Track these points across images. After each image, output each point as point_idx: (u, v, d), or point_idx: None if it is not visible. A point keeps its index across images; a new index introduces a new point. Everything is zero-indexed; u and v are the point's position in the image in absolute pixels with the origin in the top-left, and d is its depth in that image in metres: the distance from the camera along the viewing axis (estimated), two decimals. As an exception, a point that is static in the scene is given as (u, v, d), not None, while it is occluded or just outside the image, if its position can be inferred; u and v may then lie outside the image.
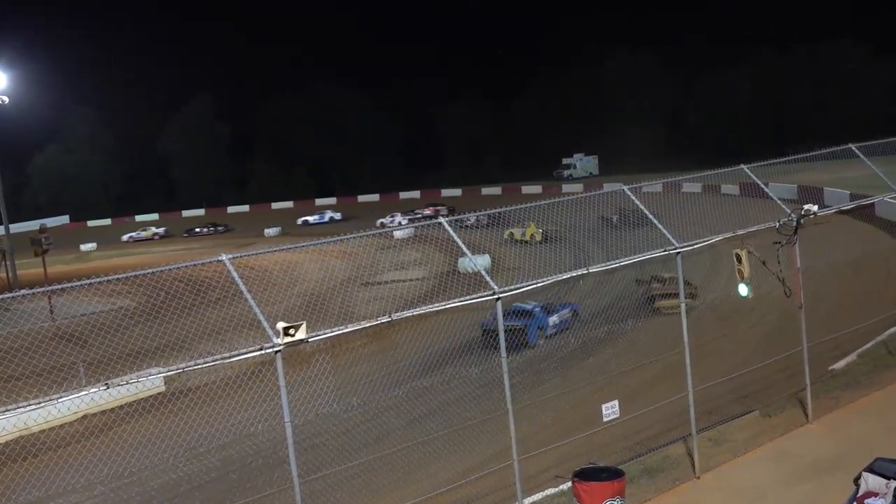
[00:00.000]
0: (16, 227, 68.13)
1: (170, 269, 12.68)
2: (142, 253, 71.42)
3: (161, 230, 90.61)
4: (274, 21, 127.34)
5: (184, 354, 19.52)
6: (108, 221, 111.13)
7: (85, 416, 19.51)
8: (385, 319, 10.75)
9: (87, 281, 10.01)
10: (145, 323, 24.24)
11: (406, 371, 18.98)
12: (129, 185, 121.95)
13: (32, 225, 73.65)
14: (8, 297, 10.87)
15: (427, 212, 78.44)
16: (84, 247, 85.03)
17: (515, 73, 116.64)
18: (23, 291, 10.40)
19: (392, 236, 34.86)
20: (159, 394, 20.57)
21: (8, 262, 51.55)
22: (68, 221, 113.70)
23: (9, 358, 13.86)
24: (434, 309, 11.33)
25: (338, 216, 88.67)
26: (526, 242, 73.31)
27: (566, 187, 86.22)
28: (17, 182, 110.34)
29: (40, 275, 43.84)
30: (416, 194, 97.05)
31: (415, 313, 11.17)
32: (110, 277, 10.45)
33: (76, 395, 8.95)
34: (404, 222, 73.25)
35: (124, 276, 10.67)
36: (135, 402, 19.96)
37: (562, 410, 15.60)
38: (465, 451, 14.30)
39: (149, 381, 19.30)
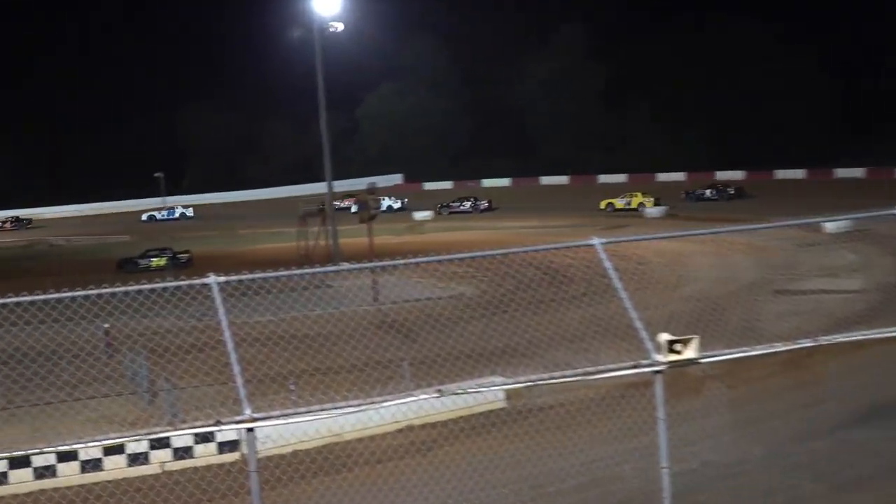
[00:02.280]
0: (341, 185, 73.85)
1: (524, 252, 13.18)
2: (485, 228, 74.44)
3: None
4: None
5: (534, 363, 20.22)
6: (448, 184, 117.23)
7: (410, 428, 20.83)
8: (807, 343, 10.40)
9: (423, 259, 10.59)
10: (486, 317, 25.40)
11: (832, 417, 18.22)
12: (476, 141, 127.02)
13: (359, 183, 79.56)
14: (331, 271, 11.85)
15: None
16: (417, 215, 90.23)
17: None
18: (346, 266, 11.28)
19: (822, 229, 33.58)
20: (500, 409, 21.42)
21: (329, 228, 55.74)
22: (402, 181, 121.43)
23: (327, 346, 15.17)
24: (879, 335, 10.80)
25: (189, 212, 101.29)
26: (633, 210, 78.14)
27: None
28: (346, 127, 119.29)
29: (365, 245, 47.18)
30: (857, 172, 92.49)
31: (850, 339, 10.71)
32: (451, 257, 10.99)
33: (402, 401, 9.58)
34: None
35: (468, 255, 11.22)
36: (468, 416, 21.02)
37: None
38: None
39: (489, 393, 20.20)
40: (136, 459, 21.49)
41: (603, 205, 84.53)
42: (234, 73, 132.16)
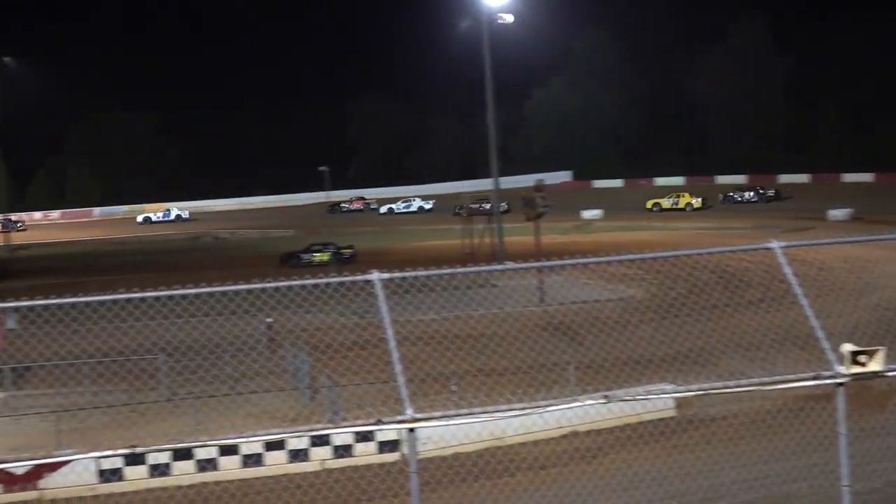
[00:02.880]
0: (506, 182, 74.07)
1: (696, 254, 13.01)
2: (658, 228, 73.80)
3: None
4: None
5: (706, 371, 19.94)
6: (618, 183, 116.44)
7: (574, 434, 20.80)
8: None
9: (592, 259, 10.56)
10: (656, 322, 25.18)
11: None
12: (649, 137, 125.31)
13: (525, 180, 79.64)
14: (496, 270, 11.91)
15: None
16: (586, 214, 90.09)
17: None
18: (511, 265, 11.38)
19: None
20: (669, 418, 21.21)
21: (495, 226, 56.09)
22: (570, 179, 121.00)
23: (491, 346, 15.26)
24: None
25: (185, 214, 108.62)
26: (680, 210, 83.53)
27: None
28: (512, 123, 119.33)
29: (530, 244, 47.25)
30: None
31: None
32: (620, 258, 10.94)
33: (567, 406, 9.57)
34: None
35: (638, 256, 11.13)
36: (636, 424, 20.89)
37: None
38: None
39: (658, 401, 20.03)
40: (297, 456, 22.00)
41: (649, 204, 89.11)
42: (401, 65, 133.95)
